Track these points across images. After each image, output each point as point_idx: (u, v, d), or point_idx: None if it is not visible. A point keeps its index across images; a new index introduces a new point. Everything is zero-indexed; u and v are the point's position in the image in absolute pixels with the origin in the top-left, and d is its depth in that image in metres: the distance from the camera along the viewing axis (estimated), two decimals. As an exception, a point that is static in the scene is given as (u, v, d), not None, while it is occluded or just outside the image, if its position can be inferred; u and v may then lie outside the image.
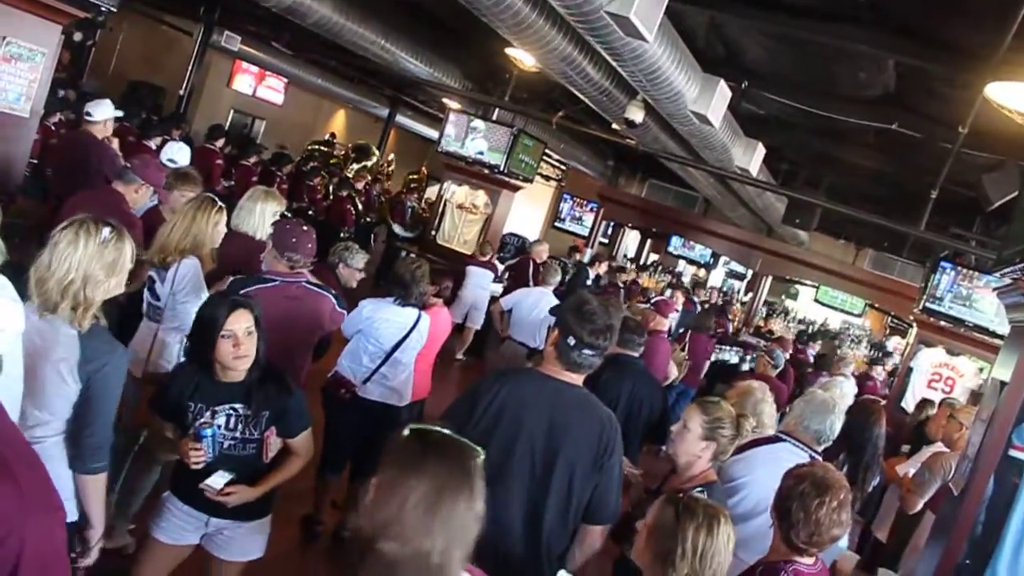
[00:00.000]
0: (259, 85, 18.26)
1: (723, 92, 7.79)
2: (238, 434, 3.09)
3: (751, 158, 10.11)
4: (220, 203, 4.46)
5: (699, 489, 3.18)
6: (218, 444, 3.03)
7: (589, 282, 12.98)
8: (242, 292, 3.71)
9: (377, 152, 18.35)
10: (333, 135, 19.37)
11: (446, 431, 1.85)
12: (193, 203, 4.39)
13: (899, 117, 7.95)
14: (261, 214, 4.86)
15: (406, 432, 1.80)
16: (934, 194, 8.92)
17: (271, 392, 3.11)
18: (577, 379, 3.07)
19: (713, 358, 10.89)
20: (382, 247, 14.46)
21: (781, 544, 2.78)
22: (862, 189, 12.88)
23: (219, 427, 3.05)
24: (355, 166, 17.17)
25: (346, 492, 5.24)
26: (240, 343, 3.02)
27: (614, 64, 6.83)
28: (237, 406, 3.08)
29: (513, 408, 2.98)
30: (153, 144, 9.46)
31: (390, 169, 19.21)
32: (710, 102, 7.67)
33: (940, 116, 7.50)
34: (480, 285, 10.65)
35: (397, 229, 14.39)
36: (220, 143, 11.92)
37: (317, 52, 14.29)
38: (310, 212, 13.27)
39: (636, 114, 8.69)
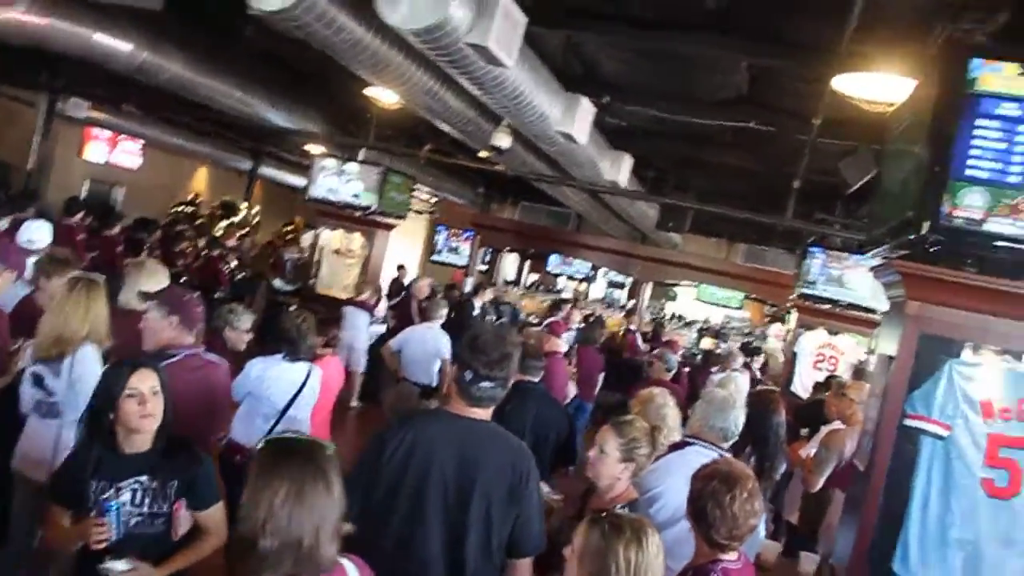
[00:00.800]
0: (113, 150, 17.51)
1: (586, 109, 7.91)
2: (145, 509, 2.91)
3: (619, 170, 10.31)
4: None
5: (621, 507, 3.19)
6: (123, 522, 2.83)
7: (475, 313, 12.96)
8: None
9: (243, 207, 17.95)
10: (196, 195, 18.85)
11: (298, 437, 2.28)
12: (80, 287, 4.04)
13: (755, 115, 8.23)
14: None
15: (262, 444, 2.22)
16: (796, 184, 9.29)
17: (180, 461, 2.96)
18: (483, 414, 3.03)
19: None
20: (262, 303, 14.10)
21: (704, 545, 2.81)
22: (729, 187, 13.29)
23: (124, 503, 2.86)
24: (223, 223, 16.73)
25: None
26: (146, 401, 2.88)
27: (477, 93, 6.85)
28: (143, 479, 2.90)
29: (422, 450, 2.93)
30: (2, 224, 8.94)
31: (255, 221, 18.80)
32: (574, 120, 7.79)
33: (794, 110, 7.81)
34: (355, 326, 10.42)
35: (278, 283, 14.05)
36: (78, 217, 11.40)
37: (171, 110, 13.86)
38: (183, 278, 12.81)
39: (503, 140, 8.75)
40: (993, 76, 3.20)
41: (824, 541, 4.87)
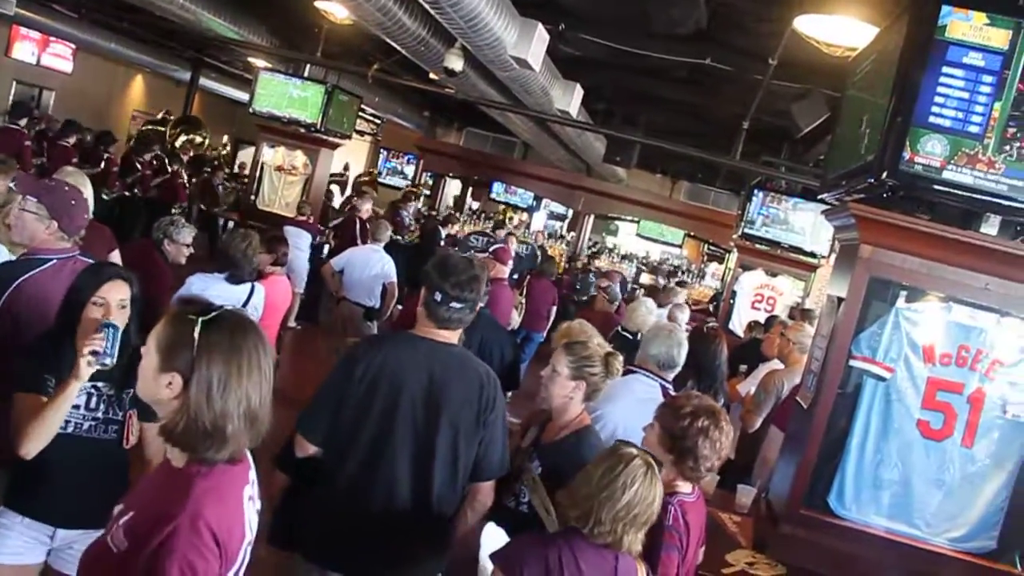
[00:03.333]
0: (43, 52, 16.80)
1: (541, 35, 7.78)
2: (100, 414, 2.88)
3: (570, 100, 10.21)
4: None
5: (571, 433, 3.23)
6: (117, 345, 2.73)
7: (442, 242, 12.87)
8: (18, 281, 3.25)
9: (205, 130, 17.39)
10: (168, 112, 18.14)
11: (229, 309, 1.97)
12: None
13: (712, 52, 8.19)
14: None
15: (199, 321, 1.88)
16: (746, 125, 9.33)
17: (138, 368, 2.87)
18: (451, 336, 3.05)
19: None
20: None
21: (668, 476, 2.88)
22: (678, 124, 13.29)
23: (79, 407, 2.82)
24: (182, 138, 16.27)
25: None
26: (110, 313, 2.83)
27: (432, 12, 6.69)
28: (100, 384, 2.86)
29: (391, 372, 2.93)
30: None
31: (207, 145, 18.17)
32: (529, 46, 7.65)
33: (751, 50, 7.79)
34: (296, 246, 10.25)
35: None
36: (23, 122, 11.01)
37: (107, 13, 13.30)
38: (135, 191, 12.48)
39: (455, 63, 8.58)
40: (962, 24, 3.20)
41: (759, 475, 4.98)
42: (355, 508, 2.94)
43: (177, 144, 15.07)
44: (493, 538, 2.97)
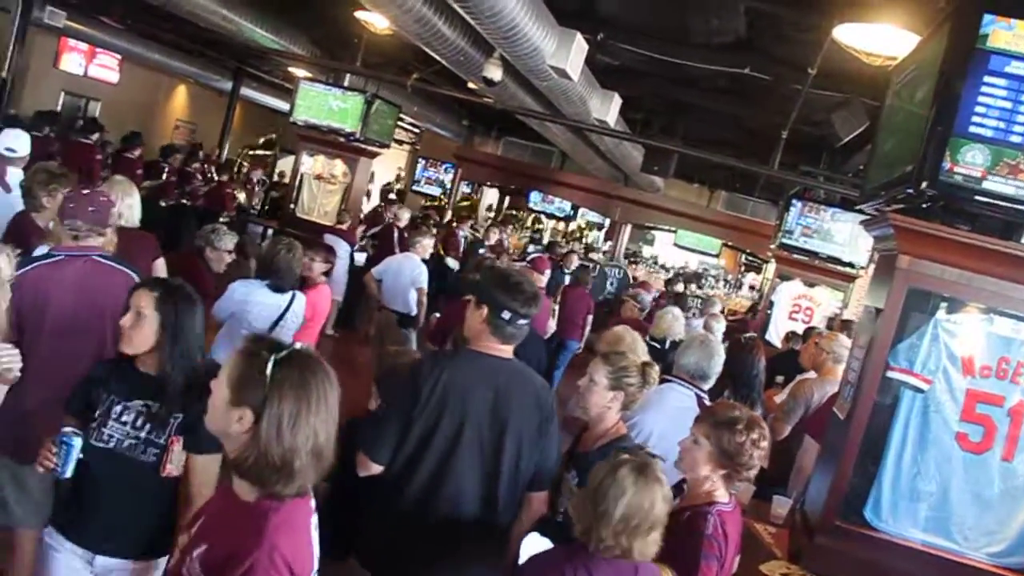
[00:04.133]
0: (90, 64, 17.08)
1: (580, 45, 7.81)
2: (142, 434, 2.77)
3: (608, 109, 10.23)
4: None
5: (606, 443, 3.23)
6: (73, 461, 2.64)
7: (482, 251, 12.91)
8: (17, 273, 3.16)
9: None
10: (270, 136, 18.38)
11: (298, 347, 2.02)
12: None
13: (751, 62, 8.18)
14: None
15: (271, 359, 1.93)
16: (784, 134, 9.28)
17: (192, 395, 2.73)
18: (508, 351, 3.09)
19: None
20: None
21: (710, 487, 2.90)
22: (716, 134, 13.26)
23: (126, 423, 2.78)
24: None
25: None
26: (128, 321, 2.80)
27: (471, 22, 6.74)
28: (151, 403, 2.79)
29: (457, 389, 2.97)
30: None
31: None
32: (568, 56, 7.69)
33: (790, 59, 7.76)
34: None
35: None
36: (95, 137, 11.27)
37: (152, 24, 13.51)
38: (184, 201, 12.76)
39: (494, 72, 8.64)
40: (1004, 33, 3.17)
41: (794, 485, 4.94)
42: (422, 523, 2.97)
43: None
44: (535, 548, 2.99)
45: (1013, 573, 3.55)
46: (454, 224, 14.65)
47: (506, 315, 3.00)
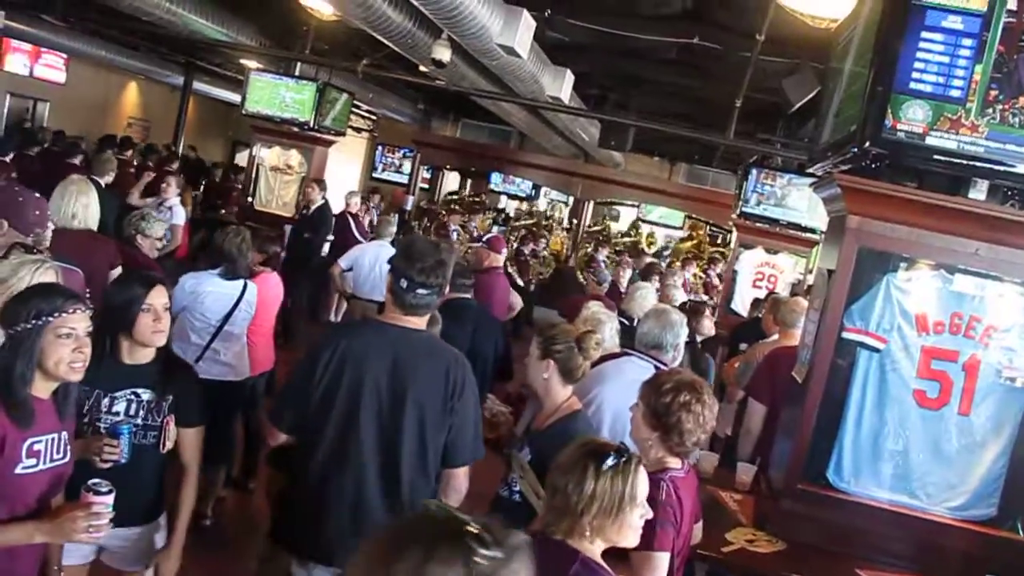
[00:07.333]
0: (36, 64, 16.70)
1: (527, 22, 7.73)
2: (139, 421, 2.90)
3: (561, 86, 10.15)
4: None
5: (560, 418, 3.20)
6: (132, 445, 2.79)
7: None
8: None
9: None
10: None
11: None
12: None
13: (699, 31, 8.14)
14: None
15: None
16: (738, 103, 9.28)
17: (177, 376, 3.03)
18: (419, 323, 3.02)
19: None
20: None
21: (655, 453, 2.89)
22: (671, 106, 13.22)
23: (119, 413, 2.88)
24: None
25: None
26: (160, 317, 2.90)
27: (416, 3, 6.65)
28: (140, 391, 2.91)
29: (355, 359, 2.92)
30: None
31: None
32: (515, 34, 7.60)
33: (738, 27, 7.73)
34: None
35: None
36: (128, 153, 11.16)
37: (96, 21, 13.23)
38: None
39: (443, 53, 8.53)
40: (939, -13, 3.17)
41: (743, 448, 4.88)
42: (326, 496, 2.94)
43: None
44: None
45: (974, 525, 3.59)
46: (444, 217, 14.77)
47: (403, 283, 2.93)
